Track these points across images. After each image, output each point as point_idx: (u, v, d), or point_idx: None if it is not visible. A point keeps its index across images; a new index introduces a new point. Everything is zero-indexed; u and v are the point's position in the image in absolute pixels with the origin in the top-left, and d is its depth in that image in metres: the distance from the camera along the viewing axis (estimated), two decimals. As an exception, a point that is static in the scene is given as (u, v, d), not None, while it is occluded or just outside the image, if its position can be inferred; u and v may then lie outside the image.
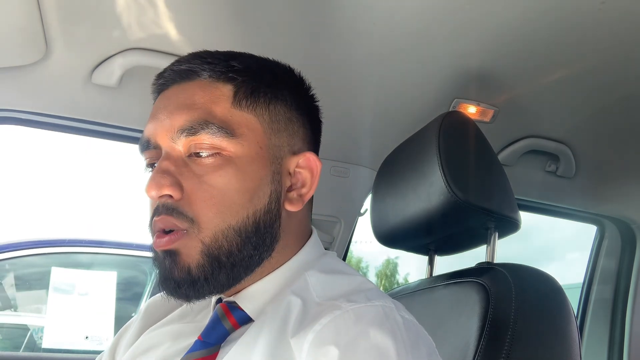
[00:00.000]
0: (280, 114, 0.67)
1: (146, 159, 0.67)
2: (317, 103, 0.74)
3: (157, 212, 0.61)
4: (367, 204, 1.43)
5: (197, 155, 0.62)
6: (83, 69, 1.09)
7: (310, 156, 0.68)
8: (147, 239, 0.65)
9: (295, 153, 0.68)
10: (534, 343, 0.76)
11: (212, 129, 0.61)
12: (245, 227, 0.62)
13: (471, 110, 1.25)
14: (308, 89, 0.73)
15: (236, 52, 0.69)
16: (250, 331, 0.61)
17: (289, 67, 0.72)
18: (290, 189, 0.67)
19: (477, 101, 1.23)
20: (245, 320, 0.65)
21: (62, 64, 1.07)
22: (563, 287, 0.84)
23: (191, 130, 0.61)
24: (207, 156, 0.61)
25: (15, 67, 1.06)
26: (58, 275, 2.48)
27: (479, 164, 0.90)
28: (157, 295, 0.81)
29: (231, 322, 0.65)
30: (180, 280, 0.60)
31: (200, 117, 0.62)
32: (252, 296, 0.65)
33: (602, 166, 1.49)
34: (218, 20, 1.01)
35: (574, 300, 1.84)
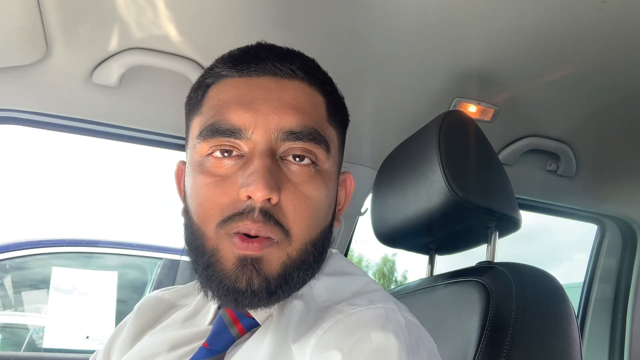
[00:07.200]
0: (343, 135, 0.69)
1: (220, 144, 0.59)
2: None
3: (249, 214, 0.56)
4: (368, 203, 1.43)
5: (294, 160, 0.59)
6: (83, 69, 1.09)
7: (349, 177, 0.71)
8: (148, 239, 0.63)
9: (339, 172, 0.69)
10: (535, 342, 0.76)
11: (318, 138, 0.60)
12: (320, 240, 0.62)
13: (471, 109, 1.25)
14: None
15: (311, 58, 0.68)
16: (255, 337, 0.61)
17: None
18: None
19: (477, 100, 1.23)
20: (252, 325, 0.64)
21: (62, 64, 1.07)
22: (564, 287, 0.84)
23: (299, 135, 0.59)
24: (306, 165, 0.60)
25: (15, 67, 1.06)
26: (58, 274, 2.48)
27: (479, 163, 0.90)
28: (150, 295, 0.80)
29: (238, 328, 0.64)
30: (258, 290, 0.56)
31: (309, 124, 0.60)
32: None
33: (602, 165, 1.49)
34: (218, 20, 1.01)
35: (574, 299, 1.83)
